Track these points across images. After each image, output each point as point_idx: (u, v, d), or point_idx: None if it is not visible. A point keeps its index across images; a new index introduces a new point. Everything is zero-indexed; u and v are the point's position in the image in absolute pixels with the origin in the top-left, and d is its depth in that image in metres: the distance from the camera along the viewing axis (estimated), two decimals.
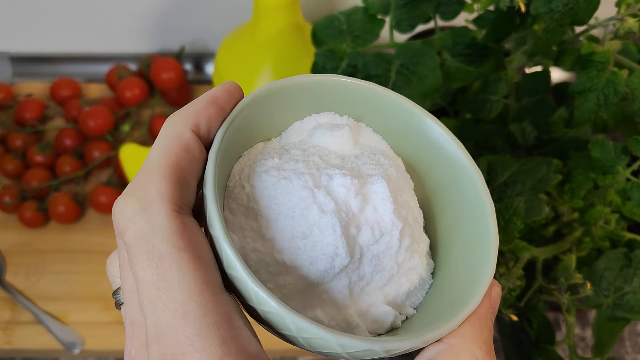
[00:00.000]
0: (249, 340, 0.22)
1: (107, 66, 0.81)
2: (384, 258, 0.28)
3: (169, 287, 0.22)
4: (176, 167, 0.24)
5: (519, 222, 0.45)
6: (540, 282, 0.49)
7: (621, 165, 0.46)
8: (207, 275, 0.22)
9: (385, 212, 0.27)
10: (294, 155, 0.29)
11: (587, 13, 0.45)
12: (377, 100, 0.31)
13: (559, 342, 0.50)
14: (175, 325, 0.21)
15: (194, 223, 0.24)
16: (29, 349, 0.65)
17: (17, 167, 0.73)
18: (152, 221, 0.22)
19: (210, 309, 0.21)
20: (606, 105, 0.45)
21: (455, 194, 0.30)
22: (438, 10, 0.52)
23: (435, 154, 0.31)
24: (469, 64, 0.51)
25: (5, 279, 0.69)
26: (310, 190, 0.27)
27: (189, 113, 0.25)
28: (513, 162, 0.49)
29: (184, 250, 0.22)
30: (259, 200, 0.27)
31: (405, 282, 0.29)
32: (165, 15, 0.80)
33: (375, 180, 0.28)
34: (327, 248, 0.26)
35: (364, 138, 0.31)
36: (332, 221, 0.26)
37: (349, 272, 0.27)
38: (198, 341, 0.21)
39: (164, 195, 0.23)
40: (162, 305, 0.21)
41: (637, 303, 0.46)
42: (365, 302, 0.28)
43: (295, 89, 0.30)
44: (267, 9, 0.64)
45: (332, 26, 0.52)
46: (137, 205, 0.23)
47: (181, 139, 0.24)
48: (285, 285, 0.27)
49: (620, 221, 0.51)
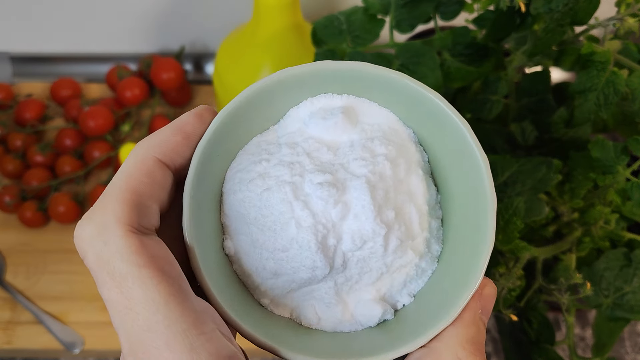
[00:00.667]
0: (220, 343, 0.23)
1: (107, 66, 0.81)
2: (370, 261, 0.28)
3: (134, 303, 0.22)
4: (134, 192, 0.25)
5: (519, 222, 0.45)
6: (540, 282, 0.49)
7: (621, 165, 0.46)
8: (173, 287, 0.23)
9: (366, 220, 0.27)
10: (283, 156, 0.28)
11: (587, 13, 0.45)
12: (374, 79, 0.29)
13: (559, 342, 0.50)
14: (144, 339, 0.22)
15: (155, 241, 0.24)
16: (29, 349, 0.65)
17: (17, 167, 0.73)
18: (109, 243, 0.23)
19: (176, 318, 0.22)
20: (606, 105, 0.45)
21: (458, 175, 0.29)
22: (438, 10, 0.52)
23: (439, 129, 0.29)
24: (469, 64, 0.51)
25: (5, 279, 0.69)
26: (289, 204, 0.27)
27: (153, 141, 0.26)
28: (513, 162, 0.49)
29: (144, 267, 0.23)
30: (248, 208, 0.28)
31: (399, 275, 0.29)
32: (165, 15, 0.80)
33: (357, 187, 0.27)
34: (305, 261, 0.27)
35: (367, 115, 0.30)
36: (308, 237, 0.26)
37: (334, 276, 0.28)
38: (167, 351, 0.22)
39: (120, 217, 0.24)
40: (130, 322, 0.22)
41: (637, 303, 0.46)
42: (354, 298, 0.29)
43: (290, 79, 0.29)
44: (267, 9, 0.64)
45: (332, 26, 0.52)
46: (94, 229, 0.24)
47: (143, 165, 0.26)
48: (276, 288, 0.28)
49: (620, 221, 0.51)
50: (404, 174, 0.29)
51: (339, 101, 0.30)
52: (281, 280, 0.28)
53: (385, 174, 0.28)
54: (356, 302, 0.29)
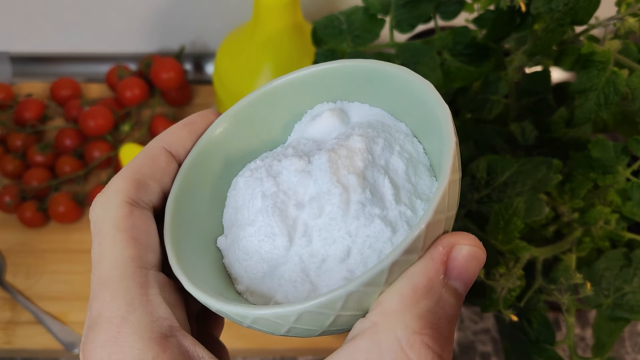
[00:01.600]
0: (158, 305, 0.26)
1: (107, 66, 0.81)
2: (332, 229, 0.26)
3: (103, 259, 0.26)
4: (137, 171, 0.28)
5: (518, 222, 0.45)
6: (540, 282, 0.49)
7: (621, 165, 0.46)
8: (136, 252, 0.26)
9: (323, 183, 0.27)
10: (273, 153, 0.30)
11: (588, 13, 0.45)
12: (355, 75, 0.30)
13: (559, 342, 0.50)
14: (98, 289, 0.26)
15: (145, 216, 0.28)
16: (29, 349, 0.65)
17: (17, 167, 0.73)
18: (105, 209, 0.27)
19: (127, 276, 0.25)
20: (606, 104, 0.45)
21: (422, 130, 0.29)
22: (438, 10, 0.52)
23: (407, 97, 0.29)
24: (469, 63, 0.51)
25: (5, 279, 0.69)
26: (260, 181, 0.29)
27: (163, 134, 0.30)
28: (513, 162, 0.49)
29: (121, 231, 0.26)
30: (237, 200, 0.30)
31: (371, 252, 0.26)
32: (165, 15, 0.80)
33: (318, 156, 0.28)
34: (266, 229, 0.27)
35: (358, 116, 0.31)
36: (267, 203, 0.28)
37: (298, 251, 0.27)
38: (110, 301, 0.25)
39: (119, 189, 0.27)
40: (95, 275, 0.26)
41: (637, 303, 0.46)
42: (325, 279, 0.26)
43: (275, 90, 0.31)
44: (267, 9, 0.64)
45: (332, 26, 0.52)
46: (100, 199, 0.28)
47: (150, 151, 0.29)
48: (251, 271, 0.28)
49: (620, 221, 0.51)
50: (381, 151, 0.28)
51: (332, 106, 0.32)
52: (253, 260, 0.28)
53: (353, 147, 0.28)
54: (326, 285, 0.26)
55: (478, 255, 0.24)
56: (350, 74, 0.31)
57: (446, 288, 0.23)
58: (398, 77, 0.29)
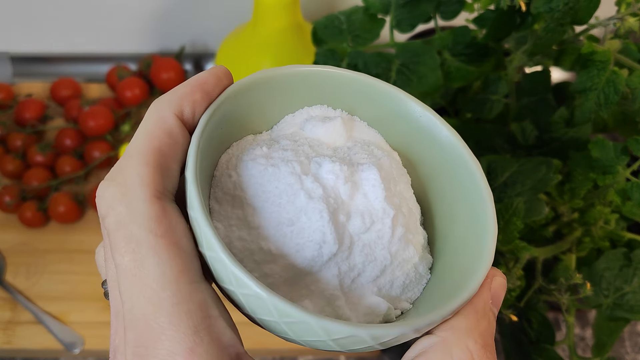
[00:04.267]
0: (223, 330, 0.22)
1: (107, 66, 0.81)
2: (376, 247, 0.26)
3: (145, 274, 0.21)
4: (158, 152, 0.23)
5: (518, 223, 0.45)
6: (540, 282, 0.49)
7: (621, 165, 0.46)
8: (185, 264, 0.22)
9: (376, 199, 0.26)
10: (284, 145, 0.28)
11: (588, 12, 0.45)
12: (365, 90, 0.30)
13: (559, 342, 0.50)
14: (149, 313, 0.21)
15: (175, 210, 0.23)
16: (29, 349, 0.65)
17: (17, 167, 0.73)
18: (131, 207, 0.22)
19: (184, 297, 0.21)
20: (607, 104, 0.45)
21: (450, 181, 0.29)
22: (438, 9, 0.52)
23: (428, 141, 0.30)
24: (469, 63, 0.51)
25: (5, 279, 0.69)
26: (297, 177, 0.26)
27: (173, 97, 0.25)
28: (513, 162, 0.49)
29: (161, 237, 0.22)
30: (246, 189, 0.26)
31: (400, 274, 0.27)
32: (165, 15, 0.80)
33: (366, 168, 0.27)
34: (314, 234, 0.25)
35: (358, 132, 0.30)
36: (320, 207, 0.25)
37: (338, 262, 0.26)
38: (170, 329, 0.21)
39: (145, 180, 0.23)
40: (137, 292, 0.21)
41: (637, 303, 0.46)
42: (356, 294, 0.27)
43: (284, 78, 0.29)
44: (267, 9, 0.64)
45: (332, 26, 0.52)
46: (117, 191, 0.23)
47: (164, 124, 0.24)
48: (272, 274, 0.26)
49: (620, 221, 0.51)
50: (398, 177, 0.29)
51: (332, 114, 0.31)
52: (279, 264, 0.26)
53: (386, 166, 0.28)
54: (357, 298, 0.27)
55: (505, 284, 0.27)
56: (357, 86, 0.30)
57: (492, 312, 0.27)
58: (419, 122, 0.30)
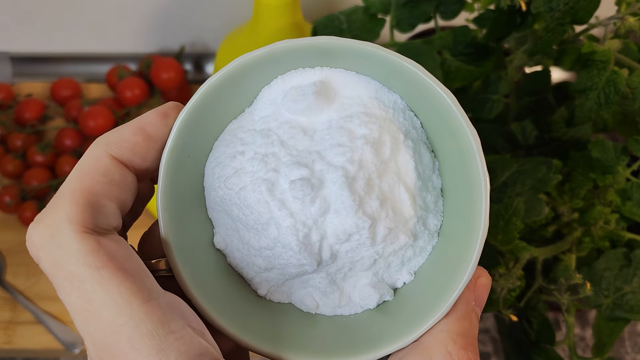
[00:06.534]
0: (191, 340, 0.22)
1: (107, 66, 0.81)
2: (360, 250, 0.27)
3: (96, 307, 0.21)
4: (88, 191, 0.24)
5: (518, 223, 0.45)
6: (540, 282, 0.49)
7: (621, 165, 0.46)
8: (135, 285, 0.22)
9: (347, 216, 0.25)
10: (257, 147, 0.27)
11: (588, 12, 0.45)
12: (352, 53, 0.27)
13: (559, 342, 0.49)
14: (110, 343, 0.21)
15: (114, 240, 0.23)
16: (29, 349, 0.65)
17: (17, 167, 0.73)
18: (63, 247, 0.22)
19: (141, 318, 0.21)
20: (607, 104, 0.45)
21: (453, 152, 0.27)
22: (438, 9, 0.52)
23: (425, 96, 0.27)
24: (469, 63, 0.51)
25: (5, 279, 0.69)
26: (266, 204, 0.26)
27: (111, 139, 0.25)
28: (513, 162, 0.49)
29: (102, 268, 0.22)
30: (230, 207, 0.27)
31: (395, 259, 0.28)
32: (165, 15, 0.80)
33: (335, 180, 0.25)
34: (291, 259, 0.26)
35: (346, 87, 0.28)
36: (288, 239, 0.26)
37: (325, 268, 0.27)
38: (134, 354, 0.21)
39: (72, 218, 0.22)
40: (94, 326, 0.22)
41: (637, 303, 0.46)
42: (350, 284, 0.28)
43: (256, 61, 0.28)
44: (267, 9, 0.64)
45: (332, 25, 0.52)
46: (46, 232, 0.23)
47: (99, 163, 0.24)
48: (270, 280, 0.28)
49: (620, 221, 0.51)
50: (390, 152, 0.27)
51: (312, 76, 0.28)
52: (274, 273, 0.28)
53: (365, 160, 0.26)
54: (352, 287, 0.28)
55: (489, 283, 0.28)
56: (332, 52, 0.27)
57: (474, 312, 0.27)
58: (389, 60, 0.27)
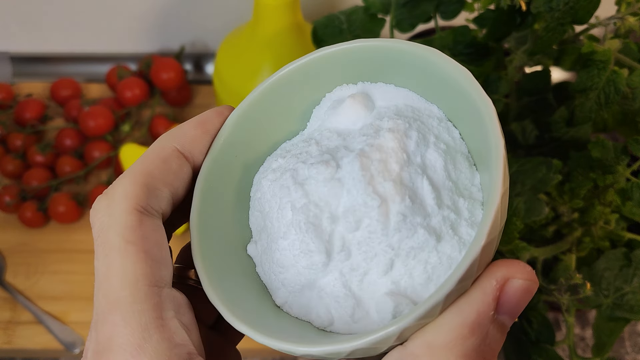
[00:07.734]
0: (175, 330, 0.23)
1: (107, 66, 0.81)
2: (372, 242, 0.25)
3: (111, 275, 0.23)
4: (147, 173, 0.26)
5: (518, 223, 0.45)
6: (540, 282, 0.49)
7: (621, 165, 0.46)
8: (149, 269, 0.24)
9: (358, 194, 0.25)
10: (297, 150, 0.28)
11: (588, 12, 0.45)
12: (381, 56, 0.28)
13: (559, 342, 0.49)
14: (107, 311, 0.23)
15: (154, 224, 0.25)
16: (29, 349, 0.65)
17: (17, 167, 0.73)
18: (112, 216, 0.24)
19: (140, 297, 0.23)
20: (607, 104, 0.45)
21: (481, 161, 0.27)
22: (438, 9, 0.52)
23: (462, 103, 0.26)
24: (469, 63, 0.51)
25: (5, 279, 0.69)
26: (287, 189, 0.26)
27: (174, 133, 0.27)
28: (513, 163, 0.49)
29: (131, 244, 0.24)
30: (263, 205, 0.28)
31: (416, 263, 0.25)
32: (165, 15, 0.80)
33: (347, 162, 0.25)
34: (301, 245, 0.26)
35: (384, 98, 0.28)
36: (298, 218, 0.25)
37: (337, 265, 0.25)
38: (122, 326, 0.22)
39: (128, 194, 0.25)
40: (102, 292, 0.23)
41: (637, 303, 0.46)
42: (369, 294, 0.25)
43: (290, 76, 0.29)
44: (267, 9, 0.64)
45: (332, 25, 0.52)
46: (104, 202, 0.25)
47: (161, 152, 0.27)
48: (288, 284, 0.27)
49: (620, 221, 0.51)
50: (415, 147, 0.26)
51: (353, 90, 0.29)
52: (290, 273, 0.26)
53: (385, 146, 0.26)
54: (370, 297, 0.25)
55: (532, 289, 0.22)
56: (371, 55, 0.28)
57: (494, 324, 0.22)
58: (427, 60, 0.26)
